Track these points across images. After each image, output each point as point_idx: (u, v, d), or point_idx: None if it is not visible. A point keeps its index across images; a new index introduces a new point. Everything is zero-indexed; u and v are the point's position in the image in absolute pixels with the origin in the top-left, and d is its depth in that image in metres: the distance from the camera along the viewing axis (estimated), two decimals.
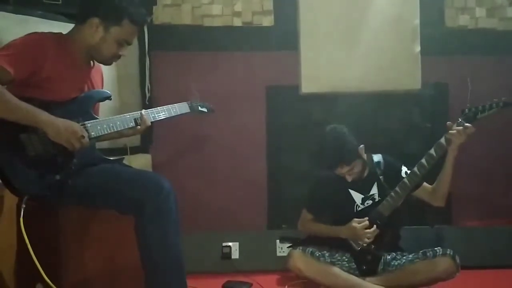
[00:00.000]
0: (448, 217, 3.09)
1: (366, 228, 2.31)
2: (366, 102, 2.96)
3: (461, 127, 2.10)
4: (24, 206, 1.67)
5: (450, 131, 2.13)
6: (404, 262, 2.32)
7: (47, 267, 1.67)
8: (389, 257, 2.37)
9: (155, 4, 2.95)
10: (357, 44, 2.90)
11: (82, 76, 1.95)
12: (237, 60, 3.12)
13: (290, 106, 3.13)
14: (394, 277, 2.30)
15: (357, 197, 2.43)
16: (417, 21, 2.92)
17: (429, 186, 2.36)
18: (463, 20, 3.08)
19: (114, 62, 1.98)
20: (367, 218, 2.32)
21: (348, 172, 2.38)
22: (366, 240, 2.31)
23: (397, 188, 2.28)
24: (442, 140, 2.17)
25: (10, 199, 1.81)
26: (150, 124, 1.98)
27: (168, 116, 2.06)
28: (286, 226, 3.03)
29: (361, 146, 2.40)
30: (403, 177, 2.29)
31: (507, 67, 3.16)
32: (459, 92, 3.08)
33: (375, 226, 2.31)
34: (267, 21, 3.03)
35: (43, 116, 1.67)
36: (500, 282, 2.68)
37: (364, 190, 2.43)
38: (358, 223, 2.31)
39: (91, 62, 1.99)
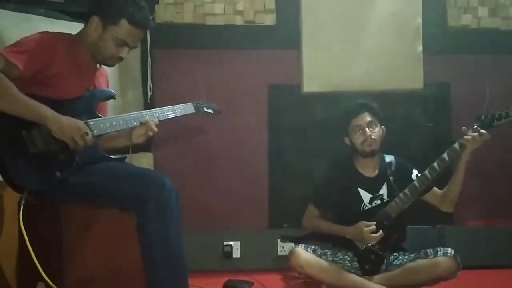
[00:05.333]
0: (450, 217, 3.08)
1: (372, 232, 2.29)
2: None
3: (476, 134, 2.11)
4: (23, 202, 1.67)
5: (465, 137, 2.14)
6: (405, 261, 2.31)
7: (49, 265, 1.67)
8: (391, 257, 2.37)
9: (157, 3, 2.95)
10: (359, 43, 2.91)
11: (88, 76, 1.96)
12: (239, 59, 3.11)
13: (292, 105, 3.12)
14: (396, 276, 2.29)
15: (365, 196, 2.42)
16: (419, 21, 2.92)
17: (439, 191, 2.36)
18: (466, 20, 3.06)
19: (116, 64, 1.99)
20: (375, 222, 2.30)
21: (371, 131, 2.37)
22: (371, 243, 2.31)
23: (406, 190, 2.27)
24: (456, 145, 2.17)
25: (12, 197, 1.81)
26: (156, 130, 1.92)
27: (173, 117, 2.04)
28: (287, 225, 3.02)
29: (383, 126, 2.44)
30: (414, 180, 2.29)
31: (510, 67, 3.15)
32: (461, 91, 3.10)
33: (381, 231, 2.30)
34: (269, 20, 3.01)
35: (48, 113, 1.67)
36: (501, 282, 2.68)
37: (373, 189, 2.42)
38: (365, 226, 2.30)
39: (97, 64, 2.00)
